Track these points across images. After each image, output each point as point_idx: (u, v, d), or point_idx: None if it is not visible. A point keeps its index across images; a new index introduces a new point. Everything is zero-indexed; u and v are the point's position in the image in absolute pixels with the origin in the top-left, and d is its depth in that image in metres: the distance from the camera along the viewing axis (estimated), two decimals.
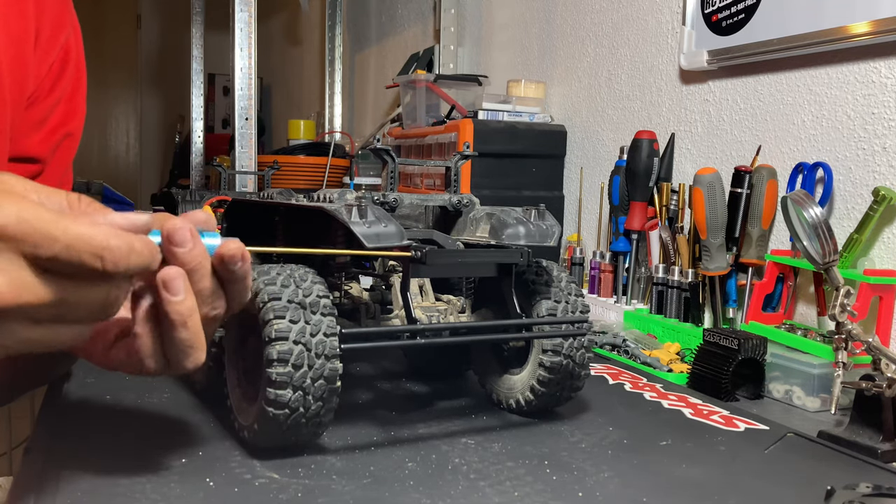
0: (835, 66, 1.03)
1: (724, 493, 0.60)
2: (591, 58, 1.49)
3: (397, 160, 0.80)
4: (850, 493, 0.58)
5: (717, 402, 0.86)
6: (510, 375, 0.79)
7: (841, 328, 0.75)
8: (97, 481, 0.57)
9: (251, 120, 1.73)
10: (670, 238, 1.17)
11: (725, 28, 1.16)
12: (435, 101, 1.65)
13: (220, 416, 0.73)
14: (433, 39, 2.07)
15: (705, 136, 1.23)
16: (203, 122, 3.16)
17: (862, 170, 0.99)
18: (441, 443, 0.69)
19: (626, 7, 1.40)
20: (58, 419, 0.71)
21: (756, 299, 1.02)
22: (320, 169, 2.11)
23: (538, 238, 0.73)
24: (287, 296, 0.61)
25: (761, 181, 1.05)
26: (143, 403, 0.77)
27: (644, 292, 1.25)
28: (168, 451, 0.64)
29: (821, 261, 0.79)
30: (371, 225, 0.64)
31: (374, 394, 0.85)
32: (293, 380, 0.59)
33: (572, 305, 0.75)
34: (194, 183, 2.96)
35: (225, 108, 4.07)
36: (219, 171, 1.26)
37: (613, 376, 0.95)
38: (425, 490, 0.58)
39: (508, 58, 1.78)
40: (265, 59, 3.58)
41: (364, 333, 0.65)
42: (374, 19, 2.65)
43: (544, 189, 1.50)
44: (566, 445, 0.70)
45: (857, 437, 0.73)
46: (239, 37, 1.72)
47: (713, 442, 0.73)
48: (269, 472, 0.61)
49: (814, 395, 0.86)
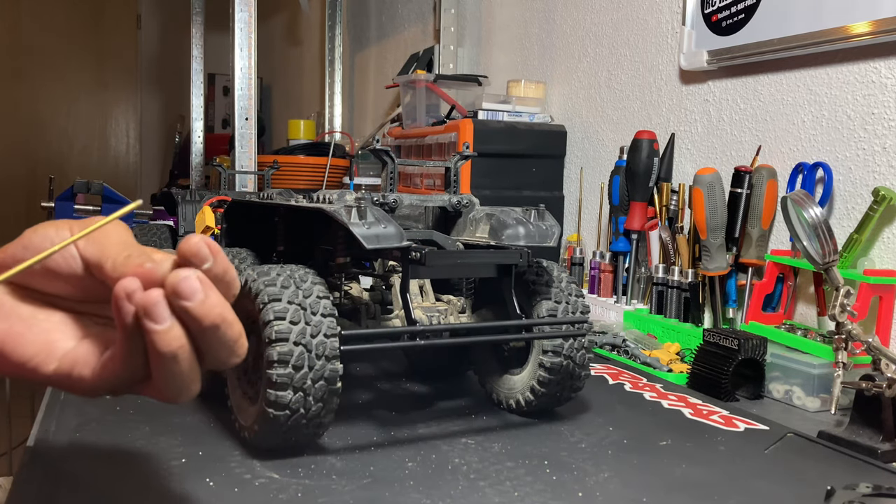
0: (835, 66, 1.03)
1: (724, 493, 0.60)
2: (591, 58, 1.49)
3: (397, 161, 0.80)
4: (850, 493, 0.58)
5: (717, 402, 0.86)
6: (510, 376, 0.79)
7: (841, 328, 0.75)
8: (97, 481, 0.57)
9: (251, 120, 1.73)
10: (670, 238, 1.17)
11: (725, 28, 1.16)
12: (435, 101, 1.65)
13: (220, 416, 0.73)
14: (433, 39, 2.07)
15: (705, 136, 1.23)
16: (203, 122, 3.16)
17: (862, 170, 0.99)
18: (441, 443, 0.69)
19: (626, 7, 1.40)
20: (58, 419, 0.71)
21: (756, 299, 1.02)
22: (320, 169, 2.10)
23: (538, 238, 0.73)
24: (287, 297, 0.61)
25: (761, 181, 1.05)
26: (143, 403, 0.77)
27: (644, 292, 1.25)
28: (168, 451, 0.64)
29: (821, 261, 0.79)
30: (370, 226, 0.64)
31: (374, 394, 0.85)
32: (293, 381, 0.59)
33: (572, 306, 0.75)
34: (194, 183, 2.96)
35: (225, 108, 4.07)
36: (219, 171, 1.26)
37: (613, 376, 0.95)
38: (425, 490, 0.58)
39: (508, 58, 1.78)
40: (265, 59, 3.58)
41: (364, 335, 0.65)
42: (374, 19, 2.65)
43: (544, 189, 1.50)
44: (566, 445, 0.70)
45: (857, 437, 0.73)
46: (239, 37, 1.72)
47: (713, 442, 0.73)
48: (269, 472, 0.61)
49: (814, 395, 0.86)
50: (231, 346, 0.43)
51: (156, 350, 0.41)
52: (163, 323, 0.40)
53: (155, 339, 0.41)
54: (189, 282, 0.41)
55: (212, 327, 0.42)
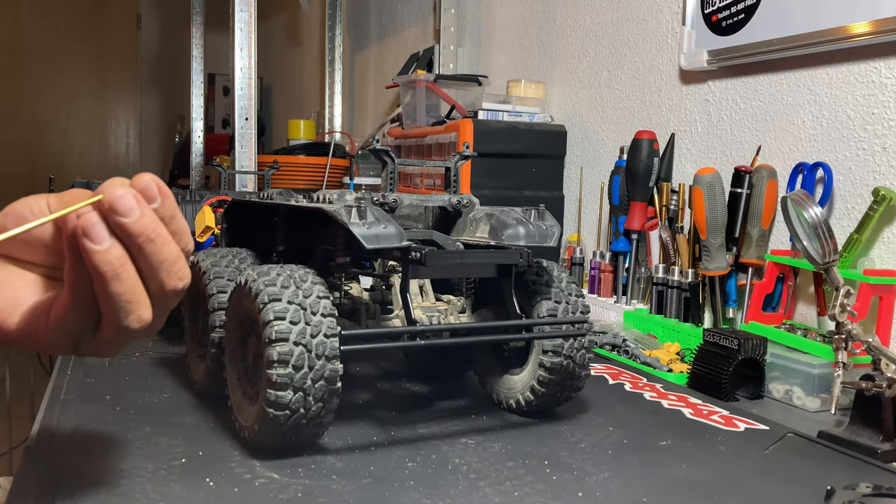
0: (835, 66, 1.03)
1: (724, 493, 0.60)
2: (591, 58, 1.49)
3: (397, 161, 0.80)
4: (850, 493, 0.58)
5: (717, 402, 0.86)
6: (510, 376, 0.79)
7: (841, 328, 0.75)
8: (97, 481, 0.57)
9: (251, 120, 1.73)
10: (670, 238, 1.17)
11: (725, 28, 1.16)
12: (435, 101, 1.64)
13: (220, 416, 0.73)
14: (433, 39, 2.07)
15: (705, 136, 1.23)
16: (203, 122, 3.16)
17: (862, 170, 0.99)
18: (441, 443, 0.69)
19: (626, 7, 1.40)
20: (58, 419, 0.71)
21: (756, 299, 1.02)
22: (320, 169, 2.10)
23: (538, 238, 0.73)
24: (287, 297, 0.61)
25: (761, 181, 1.05)
26: (143, 403, 0.77)
27: (644, 292, 1.25)
28: (168, 451, 0.64)
29: (821, 261, 0.79)
30: (370, 226, 0.64)
31: (374, 394, 0.85)
32: (293, 381, 0.59)
33: (572, 306, 0.75)
34: (194, 183, 2.96)
35: (225, 108, 4.07)
36: (219, 170, 1.26)
37: (613, 376, 0.95)
38: (425, 490, 0.58)
39: (508, 58, 1.78)
40: (265, 59, 3.58)
41: (364, 335, 0.65)
42: (374, 19, 2.65)
43: (544, 189, 1.50)
44: (566, 445, 0.70)
45: (857, 437, 0.73)
46: (239, 37, 1.72)
47: (713, 442, 0.73)
48: (269, 472, 0.61)
49: (814, 395, 0.86)
50: (171, 266, 0.45)
51: (97, 271, 0.43)
52: (101, 243, 0.42)
53: (95, 260, 0.42)
54: (126, 199, 0.42)
55: (148, 243, 0.43)
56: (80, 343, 0.47)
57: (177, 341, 1.02)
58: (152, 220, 0.43)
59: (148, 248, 0.43)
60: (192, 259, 0.84)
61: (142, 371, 0.89)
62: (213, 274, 0.78)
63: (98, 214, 0.42)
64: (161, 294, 0.46)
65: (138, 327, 0.45)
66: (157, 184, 0.44)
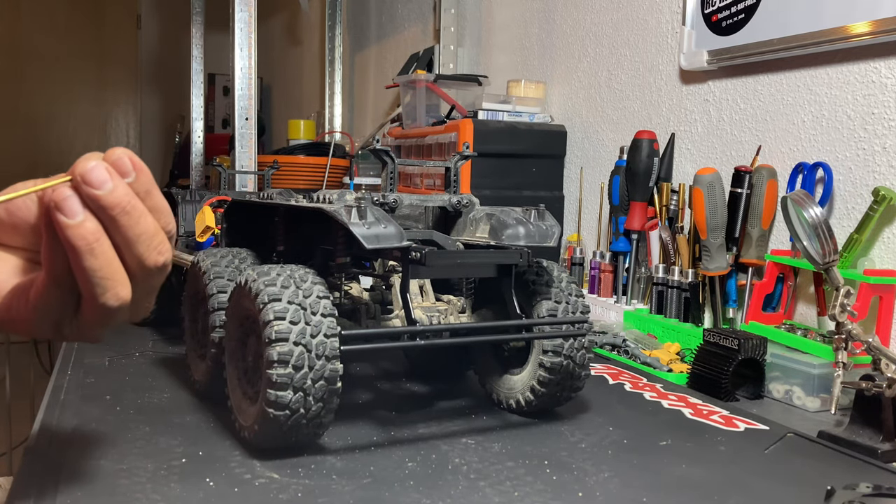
0: (835, 66, 1.03)
1: (724, 493, 0.60)
2: (591, 58, 1.49)
3: (397, 161, 0.80)
4: (850, 493, 0.58)
5: (717, 402, 0.86)
6: (510, 376, 0.79)
7: (841, 328, 0.75)
8: (97, 481, 0.57)
9: (251, 120, 1.73)
10: (670, 238, 1.17)
11: (725, 28, 1.16)
12: (435, 101, 1.64)
13: (220, 416, 0.73)
14: (433, 39, 2.07)
15: (705, 136, 1.23)
16: (203, 122, 3.16)
17: (862, 170, 0.99)
18: (441, 443, 0.69)
19: (626, 7, 1.40)
20: (58, 419, 0.71)
21: (756, 299, 1.02)
22: (320, 169, 2.10)
23: (538, 238, 0.73)
24: (287, 297, 0.61)
25: (761, 181, 1.05)
26: (143, 403, 0.77)
27: (644, 292, 1.25)
28: (168, 451, 0.64)
29: (821, 261, 0.79)
30: (370, 226, 0.64)
31: (374, 394, 0.85)
32: (293, 381, 0.59)
33: (572, 306, 0.75)
34: (194, 183, 2.95)
35: (225, 108, 4.06)
36: (219, 170, 1.26)
37: (613, 376, 0.95)
38: (425, 490, 0.58)
39: (508, 58, 1.78)
40: (265, 59, 3.58)
41: (364, 335, 0.65)
42: (374, 19, 2.65)
43: (544, 189, 1.50)
44: (566, 445, 0.70)
45: (857, 437, 0.73)
46: (239, 37, 1.72)
47: (713, 442, 0.73)
48: (269, 472, 0.61)
49: (814, 395, 0.86)
50: (149, 240, 0.44)
51: (71, 246, 0.42)
52: (74, 217, 0.41)
53: (68, 234, 0.41)
54: (97, 171, 0.41)
55: (122, 215, 0.42)
56: (61, 325, 0.47)
57: (177, 341, 1.02)
58: (126, 192, 0.42)
59: (123, 221, 0.42)
60: (192, 259, 0.84)
61: (142, 371, 0.89)
62: (213, 274, 0.78)
63: (71, 189, 0.42)
64: (141, 270, 0.45)
65: (117, 305, 0.44)
66: (130, 158, 0.43)
